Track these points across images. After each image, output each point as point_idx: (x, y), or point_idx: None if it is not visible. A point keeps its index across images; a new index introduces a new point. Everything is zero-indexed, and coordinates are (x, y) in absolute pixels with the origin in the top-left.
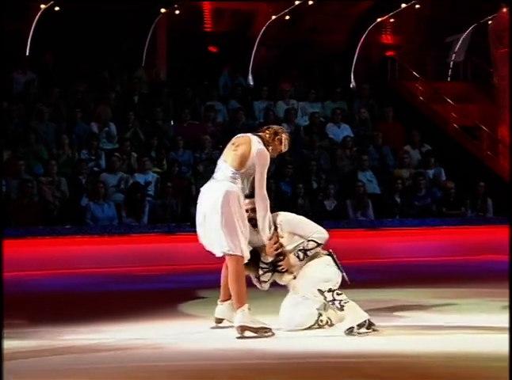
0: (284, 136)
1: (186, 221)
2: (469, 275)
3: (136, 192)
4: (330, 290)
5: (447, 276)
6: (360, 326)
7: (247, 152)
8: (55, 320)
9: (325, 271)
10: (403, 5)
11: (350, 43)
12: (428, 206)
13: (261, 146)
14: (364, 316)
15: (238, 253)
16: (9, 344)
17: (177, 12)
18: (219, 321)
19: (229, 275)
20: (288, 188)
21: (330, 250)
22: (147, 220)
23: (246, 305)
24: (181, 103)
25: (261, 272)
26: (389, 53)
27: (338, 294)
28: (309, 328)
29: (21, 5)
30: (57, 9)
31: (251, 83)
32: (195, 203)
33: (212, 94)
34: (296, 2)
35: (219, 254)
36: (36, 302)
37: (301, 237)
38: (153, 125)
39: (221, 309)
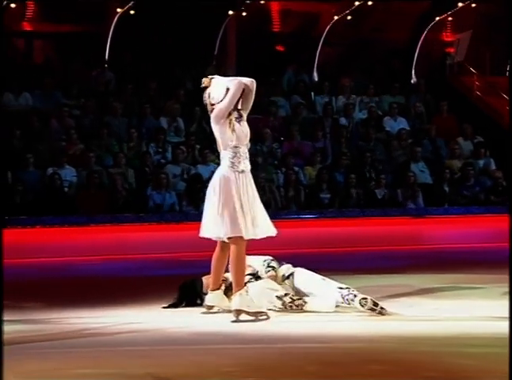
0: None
1: None
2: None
3: (196, 183)
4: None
5: (481, 262)
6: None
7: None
8: (74, 304)
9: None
10: (460, 4)
11: (411, 40)
12: (476, 194)
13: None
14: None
15: (244, 236)
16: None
17: (244, 14)
18: (210, 307)
19: (230, 258)
20: (341, 177)
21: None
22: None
23: (245, 288)
24: None
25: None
26: (449, 50)
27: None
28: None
29: (99, 9)
30: (132, 12)
31: (316, 79)
32: None
33: (276, 90)
34: (356, 3)
35: (219, 238)
36: (75, 286)
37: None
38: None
39: (212, 297)
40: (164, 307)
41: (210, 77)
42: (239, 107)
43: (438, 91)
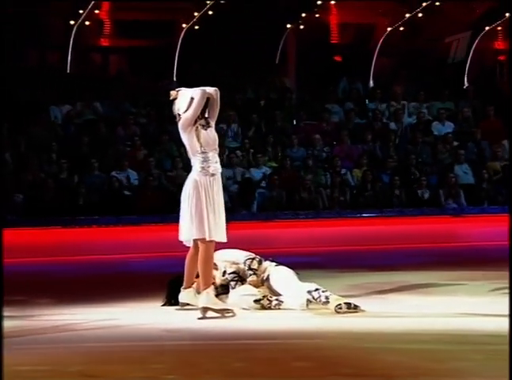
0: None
1: (290, 209)
2: None
3: (247, 185)
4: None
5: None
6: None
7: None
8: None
9: None
10: (507, 14)
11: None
12: None
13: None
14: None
15: (207, 237)
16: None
17: (301, 27)
18: (184, 304)
19: (199, 258)
20: (387, 179)
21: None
22: (255, 208)
23: (211, 287)
24: (302, 106)
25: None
26: (501, 58)
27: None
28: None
29: (167, 25)
30: (197, 27)
31: (370, 87)
32: (299, 194)
33: (331, 98)
34: (407, 15)
35: (188, 241)
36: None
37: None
38: (273, 125)
39: (185, 294)
40: (162, 305)
41: (177, 89)
42: (206, 115)
43: (486, 96)
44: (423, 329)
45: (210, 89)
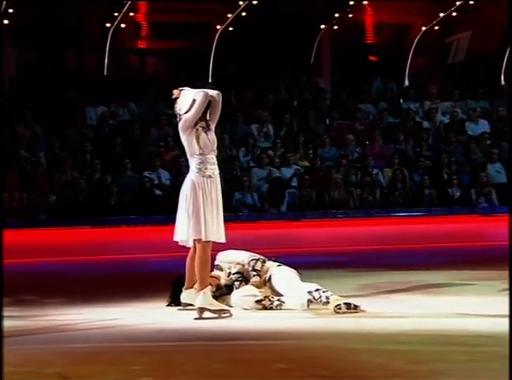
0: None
1: (320, 208)
2: None
3: (277, 184)
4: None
5: None
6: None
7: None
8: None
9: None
10: None
11: (500, 48)
12: None
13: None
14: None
15: (203, 238)
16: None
17: (335, 27)
18: (186, 305)
19: (195, 259)
20: (418, 178)
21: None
22: (285, 208)
23: (208, 288)
24: (336, 106)
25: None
26: None
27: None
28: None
29: (203, 27)
30: (231, 29)
31: (406, 86)
32: (329, 193)
33: (365, 97)
34: (441, 14)
35: (183, 241)
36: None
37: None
38: (305, 125)
39: (186, 295)
40: (166, 305)
41: (180, 89)
42: (208, 118)
43: None
44: (416, 330)
45: (212, 92)
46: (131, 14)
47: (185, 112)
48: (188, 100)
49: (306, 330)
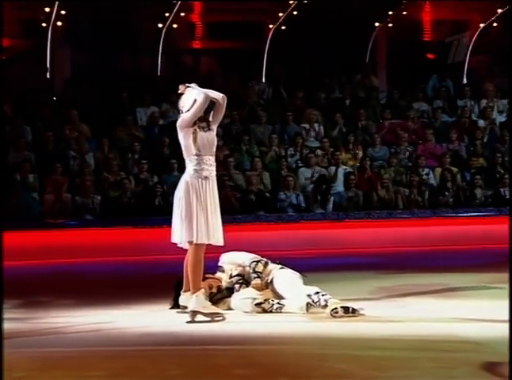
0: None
1: (367, 209)
2: None
3: (323, 184)
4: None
5: None
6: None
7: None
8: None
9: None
10: None
11: None
12: None
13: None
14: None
15: (194, 240)
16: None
17: (390, 25)
18: (185, 307)
19: (188, 261)
20: (469, 177)
21: None
22: (331, 208)
23: (201, 291)
24: (390, 104)
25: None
26: None
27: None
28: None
29: (256, 26)
30: (284, 28)
31: (464, 84)
32: (377, 193)
33: (420, 95)
34: (499, 11)
35: (180, 243)
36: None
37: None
38: (356, 124)
39: (184, 298)
40: (170, 308)
41: (187, 85)
42: (210, 119)
43: None
44: (401, 335)
45: (217, 95)
46: (182, 14)
47: (186, 111)
48: (191, 98)
49: (285, 335)
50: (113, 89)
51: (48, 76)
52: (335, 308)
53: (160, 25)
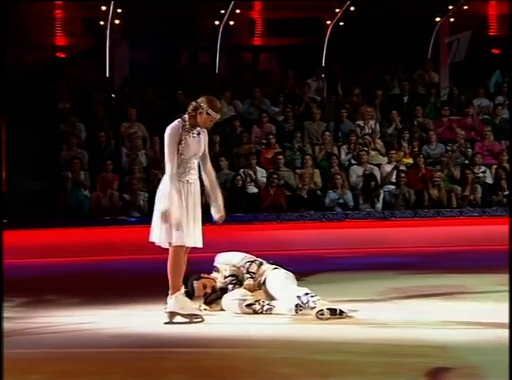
0: (205, 108)
1: (418, 207)
2: None
3: (372, 182)
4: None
5: None
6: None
7: None
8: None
9: None
10: None
11: None
12: None
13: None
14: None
15: (173, 242)
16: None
17: (451, 19)
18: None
19: (168, 262)
20: None
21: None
22: (381, 207)
23: (180, 292)
24: (450, 101)
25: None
26: None
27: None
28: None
29: (314, 23)
30: (341, 24)
31: None
32: (428, 192)
33: (482, 92)
34: None
35: (159, 243)
36: None
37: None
38: (413, 121)
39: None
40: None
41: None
42: (199, 127)
43: None
44: (366, 339)
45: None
46: (238, 11)
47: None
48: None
49: (247, 338)
50: (168, 87)
51: (107, 74)
52: (321, 310)
53: (217, 23)
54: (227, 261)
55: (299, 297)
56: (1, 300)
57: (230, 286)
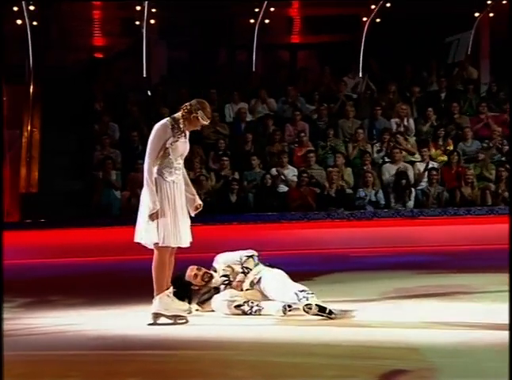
0: (199, 113)
1: (451, 206)
2: None
3: (404, 180)
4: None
5: None
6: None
7: None
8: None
9: None
10: None
11: None
12: None
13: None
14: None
15: (159, 242)
16: None
17: (490, 14)
18: None
19: (153, 263)
20: None
21: None
22: (412, 205)
23: (165, 293)
24: (488, 97)
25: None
26: None
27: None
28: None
29: (351, 20)
30: (378, 20)
31: None
32: (461, 190)
33: None
34: None
35: (146, 243)
36: None
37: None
38: (449, 118)
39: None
40: None
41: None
42: (187, 132)
43: None
44: (339, 340)
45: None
46: (272, 9)
47: None
48: None
49: (218, 340)
50: (203, 86)
51: (145, 74)
52: (309, 304)
53: (252, 21)
54: (225, 261)
55: (296, 293)
56: (1, 300)
57: (222, 287)
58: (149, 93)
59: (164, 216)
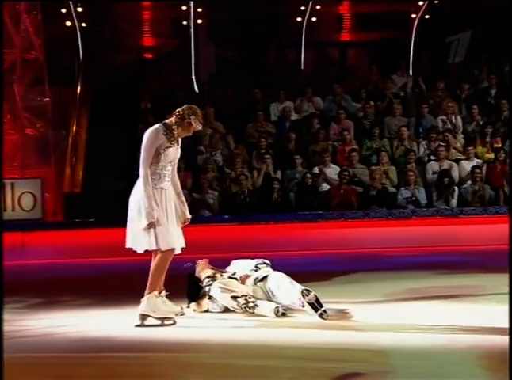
0: (192, 119)
1: (495, 205)
2: None
3: (445, 178)
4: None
5: None
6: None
7: None
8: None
9: None
10: None
11: None
12: None
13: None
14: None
15: (160, 247)
16: None
17: None
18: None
19: (154, 264)
20: None
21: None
22: (455, 204)
23: (153, 294)
24: None
25: None
26: None
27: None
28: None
29: (401, 17)
30: (427, 17)
31: None
32: (503, 190)
33: None
34: None
35: (137, 249)
36: None
37: None
38: (499, 115)
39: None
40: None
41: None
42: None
43: None
44: (313, 343)
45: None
46: (318, 7)
47: None
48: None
49: (186, 342)
50: (249, 85)
51: (193, 74)
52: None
53: (299, 19)
54: (238, 267)
55: (302, 292)
56: (1, 301)
57: (207, 288)
58: (196, 90)
59: (162, 221)
